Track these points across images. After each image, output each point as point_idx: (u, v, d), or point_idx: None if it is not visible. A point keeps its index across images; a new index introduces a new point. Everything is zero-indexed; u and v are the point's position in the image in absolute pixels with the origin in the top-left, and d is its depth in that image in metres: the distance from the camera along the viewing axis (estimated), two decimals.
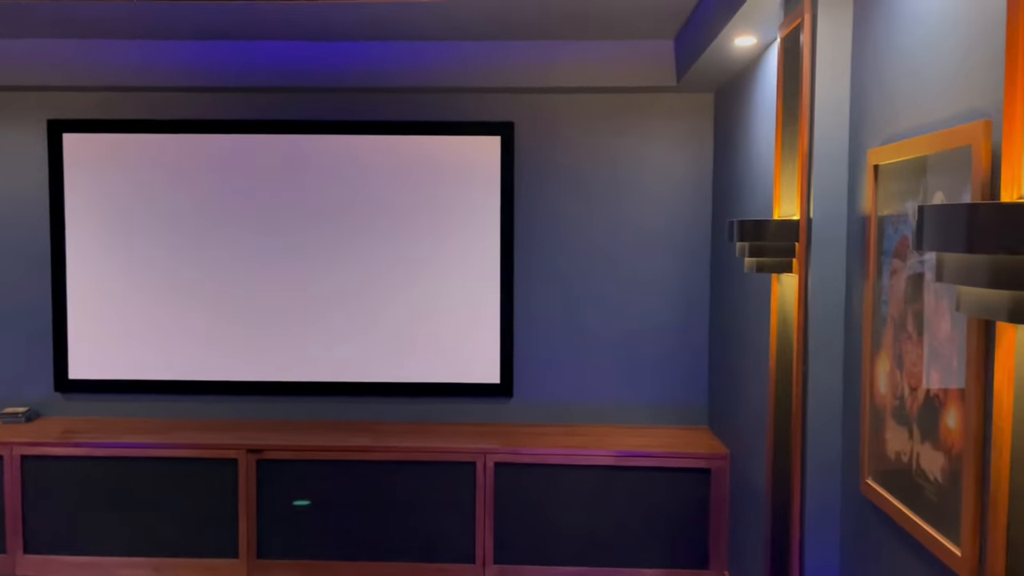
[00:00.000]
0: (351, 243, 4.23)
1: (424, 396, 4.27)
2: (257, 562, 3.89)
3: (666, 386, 4.24)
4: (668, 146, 4.20)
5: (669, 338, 4.23)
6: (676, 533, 3.84)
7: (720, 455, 3.80)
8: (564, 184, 4.23)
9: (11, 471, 3.89)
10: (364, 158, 4.22)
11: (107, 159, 4.25)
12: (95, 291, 4.28)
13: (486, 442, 3.93)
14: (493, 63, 4.01)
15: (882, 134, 2.07)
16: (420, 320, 4.23)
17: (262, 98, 4.22)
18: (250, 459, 3.87)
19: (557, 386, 4.27)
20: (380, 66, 4.02)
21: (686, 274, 4.22)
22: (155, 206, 4.25)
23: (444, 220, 4.21)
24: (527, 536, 3.86)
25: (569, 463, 3.83)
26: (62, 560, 3.91)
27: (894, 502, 1.95)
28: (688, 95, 4.16)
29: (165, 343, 4.27)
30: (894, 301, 1.97)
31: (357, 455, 3.87)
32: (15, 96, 4.25)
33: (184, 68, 4.05)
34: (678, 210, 4.21)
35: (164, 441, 3.93)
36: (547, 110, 4.21)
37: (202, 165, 4.24)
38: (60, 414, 4.34)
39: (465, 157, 4.20)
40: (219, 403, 4.32)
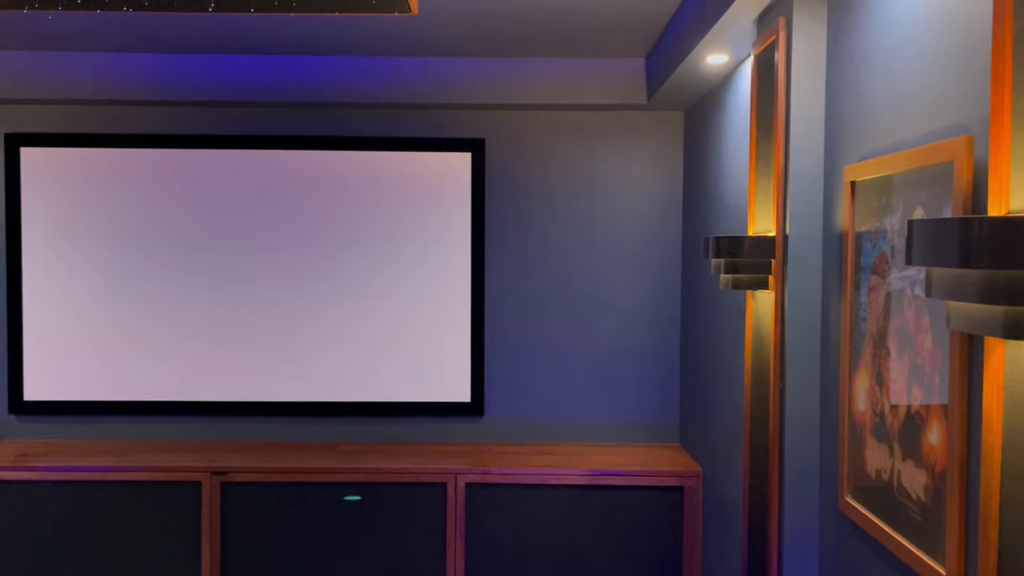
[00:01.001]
0: (319, 260, 4.16)
1: (394, 416, 4.19)
2: None
3: (639, 404, 4.22)
4: (639, 164, 4.21)
5: (642, 355, 4.22)
6: (650, 552, 3.80)
7: (692, 473, 3.78)
8: (535, 201, 4.21)
9: None
10: (332, 174, 4.16)
11: (67, 174, 4.13)
12: (52, 309, 4.14)
13: (457, 462, 3.87)
14: (464, 79, 3.98)
15: (859, 150, 2.08)
16: (389, 338, 4.17)
17: (229, 112, 4.14)
18: (214, 482, 3.76)
19: (529, 404, 4.22)
20: (350, 81, 3.98)
21: (658, 292, 4.21)
22: (115, 223, 4.14)
23: (414, 237, 4.16)
24: (499, 558, 3.79)
25: (541, 483, 3.78)
26: None
27: (875, 520, 1.93)
28: (659, 113, 4.17)
29: (125, 363, 4.15)
30: (872, 317, 1.96)
31: (325, 477, 3.78)
32: None
33: (149, 81, 3.96)
34: (650, 228, 4.21)
35: (124, 464, 3.80)
36: (518, 127, 4.19)
37: (166, 181, 4.14)
38: (14, 437, 4.19)
39: (436, 173, 4.16)
40: (182, 424, 4.20)
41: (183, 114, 4.14)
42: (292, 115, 4.15)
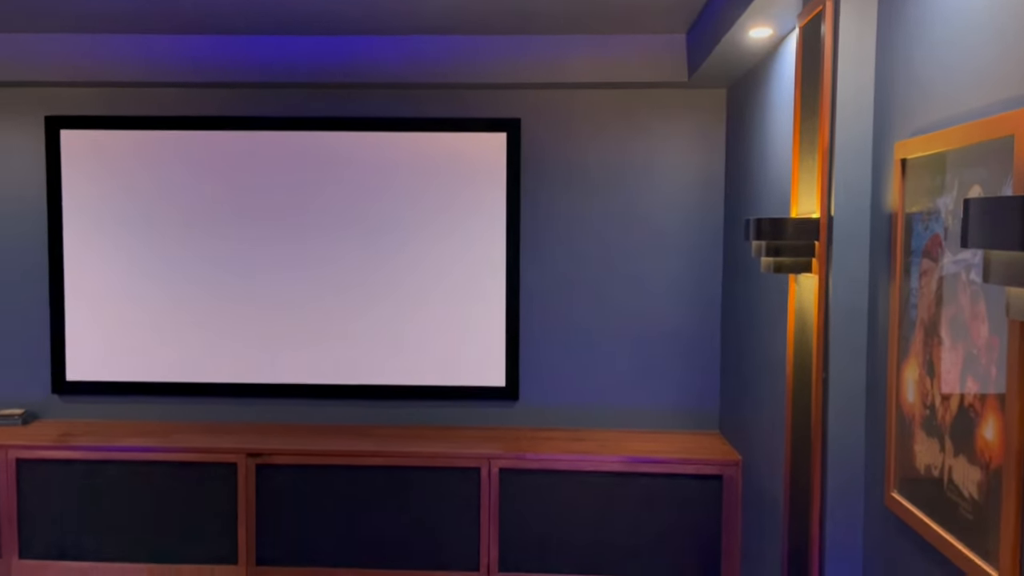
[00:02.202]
0: (355, 243, 4.13)
1: (428, 399, 4.16)
2: (256, 569, 3.79)
3: (677, 390, 4.13)
4: (679, 143, 4.09)
5: (680, 341, 4.12)
6: (687, 542, 3.72)
7: (732, 462, 3.68)
8: (572, 182, 4.12)
9: (6, 474, 3.81)
10: (368, 155, 4.12)
11: (106, 156, 4.16)
12: (93, 291, 4.19)
13: (491, 447, 3.83)
14: (500, 58, 3.90)
15: (910, 126, 1.96)
16: (424, 322, 4.13)
17: (264, 94, 4.12)
18: (250, 463, 3.78)
19: (564, 389, 4.16)
20: (384, 61, 3.92)
21: (698, 275, 4.10)
22: (154, 204, 4.16)
23: (449, 219, 4.11)
24: (533, 544, 3.75)
25: (576, 469, 3.72)
26: (58, 565, 3.82)
27: (923, 518, 1.83)
28: (700, 91, 4.04)
29: (164, 344, 4.18)
30: (924, 304, 1.85)
31: (359, 460, 3.77)
32: (12, 92, 4.17)
33: (185, 64, 3.96)
34: (690, 209, 4.10)
35: (162, 444, 3.84)
36: (555, 106, 4.10)
37: (203, 162, 4.14)
38: (57, 416, 4.26)
39: (471, 154, 4.09)
40: (219, 405, 4.23)
41: (218, 96, 4.13)
42: (327, 96, 4.11)
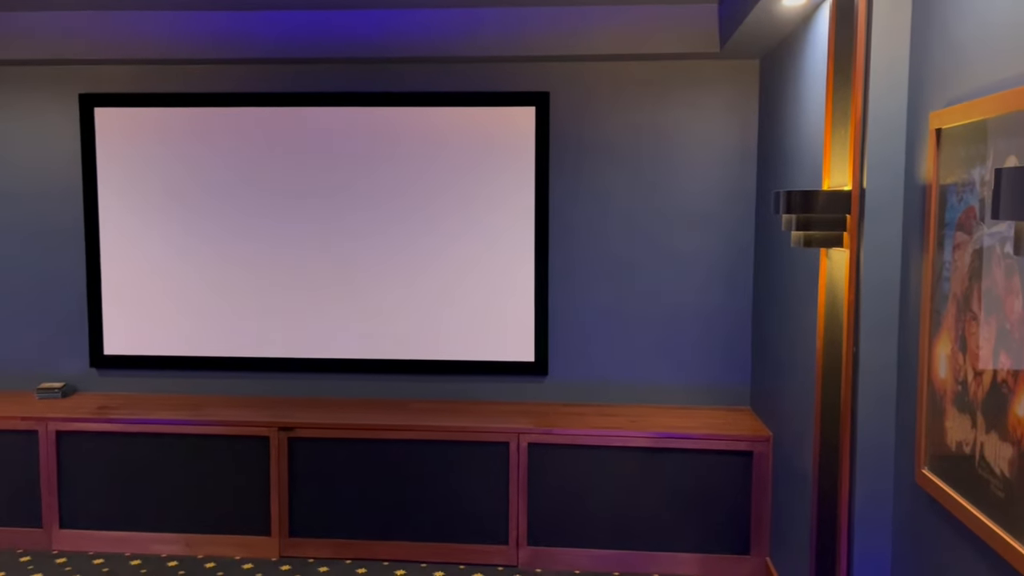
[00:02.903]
0: (383, 217, 4.15)
1: (457, 374, 4.18)
2: (289, 540, 3.86)
3: (707, 365, 4.10)
4: (711, 116, 4.02)
5: (710, 315, 4.08)
6: (716, 517, 3.71)
7: (763, 438, 3.65)
8: (601, 156, 4.08)
9: (47, 446, 3.91)
10: (396, 130, 4.11)
11: (139, 133, 4.21)
12: (128, 266, 4.26)
13: (520, 422, 3.84)
14: (527, 30, 3.86)
15: (946, 95, 1.90)
16: (453, 296, 4.14)
17: (293, 69, 4.13)
18: (282, 437, 3.83)
19: (593, 365, 4.15)
20: (410, 35, 3.90)
21: (729, 249, 4.05)
22: (186, 181, 4.21)
23: (477, 194, 4.10)
24: (561, 518, 3.77)
25: (605, 444, 3.72)
26: (97, 535, 3.92)
27: (953, 495, 1.80)
28: (732, 62, 3.97)
29: (198, 319, 4.25)
30: (957, 278, 1.81)
31: (389, 434, 3.81)
32: (47, 70, 4.23)
33: (215, 40, 3.97)
34: (721, 183, 4.04)
35: (197, 418, 3.91)
36: (584, 79, 4.06)
37: (234, 138, 4.18)
38: (95, 389, 4.35)
39: (499, 128, 4.07)
40: (251, 380, 4.29)
41: (248, 72, 4.15)
42: (355, 71, 4.11)
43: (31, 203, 4.29)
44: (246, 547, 3.87)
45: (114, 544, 3.92)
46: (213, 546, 3.89)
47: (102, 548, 3.92)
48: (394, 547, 3.83)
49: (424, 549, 3.82)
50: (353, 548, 3.84)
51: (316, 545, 3.86)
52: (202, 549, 3.89)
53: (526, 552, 3.78)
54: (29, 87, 4.25)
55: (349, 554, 3.85)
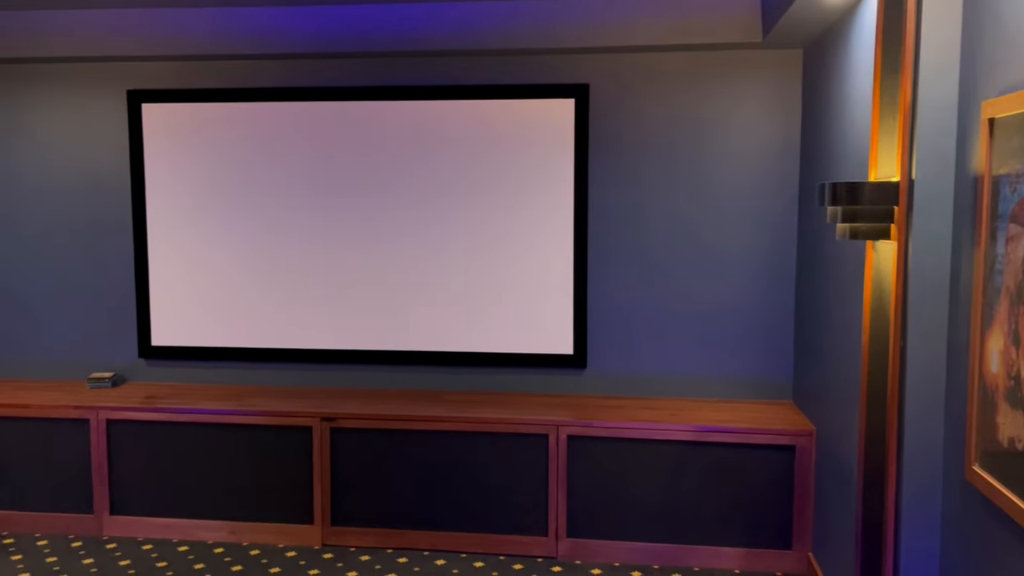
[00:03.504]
0: (423, 210, 4.17)
1: (496, 367, 4.20)
2: (332, 528, 3.92)
3: (749, 359, 4.06)
4: (753, 107, 3.97)
5: (753, 308, 4.04)
6: (757, 512, 3.68)
7: (806, 432, 3.61)
8: (641, 148, 4.05)
9: (98, 434, 4.01)
10: (434, 123, 4.13)
11: (184, 128, 4.28)
12: (174, 259, 4.35)
13: (559, 414, 3.84)
14: (567, 22, 3.85)
15: (999, 83, 1.85)
16: (492, 289, 4.16)
17: (335, 64, 4.17)
18: (324, 427, 3.89)
19: (633, 358, 4.13)
20: (449, 28, 3.91)
21: (772, 242, 4.01)
22: (232, 175, 4.27)
23: (516, 186, 4.10)
24: (601, 510, 3.77)
25: (645, 437, 3.71)
26: (145, 521, 4.02)
27: (1006, 492, 1.76)
28: (775, 52, 3.91)
29: (242, 311, 4.32)
30: (1010, 270, 1.77)
31: (430, 425, 3.84)
32: (96, 67, 4.32)
33: (259, 35, 4.03)
34: (763, 174, 3.99)
35: (241, 408, 3.98)
36: (624, 71, 4.03)
37: (275, 133, 4.23)
38: (144, 379, 4.46)
39: (538, 121, 4.06)
40: (293, 370, 4.35)
41: (289, 67, 4.20)
42: (395, 65, 4.13)
43: (83, 198, 4.40)
44: (289, 535, 3.94)
45: (162, 530, 4.01)
46: (257, 533, 3.96)
47: (150, 534, 4.02)
48: (434, 537, 3.87)
49: (464, 539, 3.85)
50: (394, 537, 3.89)
51: (358, 534, 3.91)
52: (246, 536, 3.96)
53: (565, 544, 3.79)
54: (80, 84, 4.35)
55: (390, 543, 3.89)
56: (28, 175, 4.43)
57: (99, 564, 3.74)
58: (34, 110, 4.39)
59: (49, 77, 4.36)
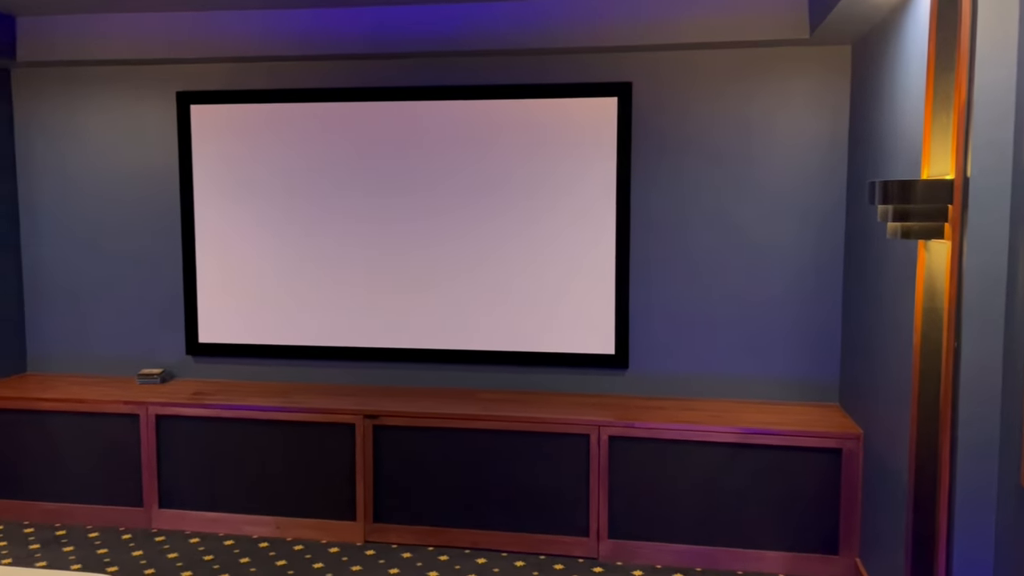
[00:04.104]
0: (466, 210, 4.19)
1: (537, 366, 4.20)
2: (374, 525, 3.95)
3: (794, 360, 4.00)
4: (800, 104, 3.91)
5: (799, 309, 3.98)
6: (803, 516, 3.63)
7: (853, 435, 3.54)
8: (684, 146, 4.02)
9: (147, 429, 4.10)
10: (476, 123, 4.14)
11: (232, 129, 4.36)
12: (222, 258, 4.42)
13: (600, 414, 3.83)
14: (609, 20, 3.83)
15: None
16: (534, 288, 4.15)
17: (379, 65, 4.21)
18: (367, 424, 3.92)
19: (675, 358, 4.10)
20: (491, 28, 3.92)
21: (819, 241, 3.94)
22: (278, 175, 4.33)
23: (558, 185, 4.10)
24: (643, 511, 3.74)
25: (687, 439, 3.67)
26: (193, 515, 4.10)
27: None
28: (823, 48, 3.85)
29: (286, 309, 4.38)
30: None
31: (471, 423, 3.85)
32: (146, 69, 4.42)
33: (304, 37, 4.08)
34: (810, 172, 3.93)
35: (286, 404, 4.03)
36: (667, 69, 4.00)
37: (324, 133, 4.28)
38: (191, 376, 4.54)
39: (581, 120, 4.05)
40: (337, 368, 4.40)
41: (337, 68, 4.24)
42: (436, 65, 4.15)
43: (134, 198, 4.50)
44: (332, 531, 3.98)
45: (208, 524, 4.08)
46: (301, 529, 4.01)
47: (197, 528, 4.09)
48: (475, 535, 3.88)
49: (505, 538, 3.85)
50: (435, 535, 3.91)
51: (399, 531, 3.93)
52: (291, 532, 4.02)
53: (607, 545, 3.77)
54: (131, 86, 4.45)
55: (431, 541, 3.91)
56: (84, 176, 4.55)
57: (148, 556, 3.82)
58: (89, 112, 4.50)
59: (102, 80, 4.47)
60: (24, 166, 4.60)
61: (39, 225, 4.61)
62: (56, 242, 4.60)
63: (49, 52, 4.28)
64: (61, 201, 4.58)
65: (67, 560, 3.77)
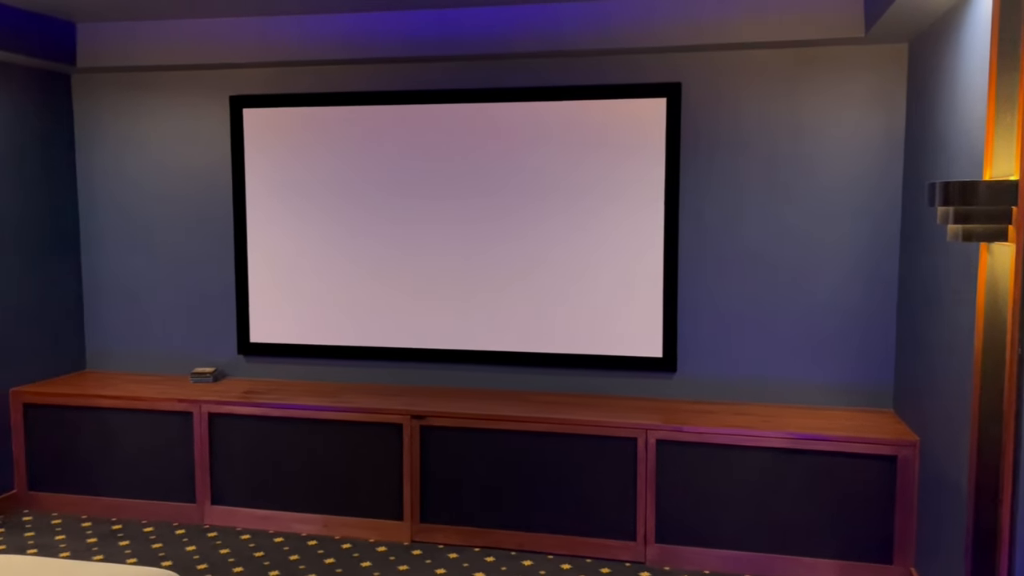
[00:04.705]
0: (513, 212, 4.19)
1: (584, 368, 4.18)
2: (420, 525, 3.97)
3: (846, 365, 3.92)
4: (854, 103, 3.84)
5: (852, 313, 3.90)
6: (856, 524, 3.55)
7: (908, 442, 3.46)
8: (734, 147, 3.97)
9: (200, 427, 4.18)
10: (525, 125, 4.14)
11: (283, 132, 4.42)
12: (272, 259, 4.49)
13: (648, 418, 3.80)
14: (659, 20, 3.80)
15: None
16: (581, 291, 4.14)
17: (427, 67, 4.23)
18: (414, 425, 3.95)
19: (724, 362, 4.05)
20: (539, 29, 3.92)
21: (873, 243, 3.86)
22: (327, 177, 4.39)
23: (606, 187, 4.08)
24: (691, 516, 3.70)
25: (736, 443, 3.63)
26: (244, 512, 4.17)
27: None
28: (878, 46, 3.77)
29: (335, 310, 4.43)
30: None
31: (517, 425, 3.85)
32: (200, 74, 4.51)
33: (353, 40, 4.12)
34: (864, 174, 3.85)
35: (334, 404, 4.08)
36: (717, 68, 3.96)
37: (373, 136, 4.32)
38: (242, 375, 4.62)
39: (629, 121, 4.03)
40: (385, 368, 4.44)
41: (386, 71, 4.28)
42: (483, 68, 4.17)
43: (189, 200, 4.60)
44: (379, 530, 4.02)
45: (259, 521, 4.15)
46: (349, 528, 4.05)
47: (248, 524, 4.16)
48: (521, 537, 3.88)
49: (551, 541, 3.84)
50: (481, 536, 3.92)
51: (445, 531, 3.95)
52: (339, 530, 4.06)
53: (654, 549, 3.74)
54: (186, 89, 4.55)
55: (477, 542, 3.92)
56: (140, 178, 4.66)
57: (201, 551, 3.89)
58: (149, 117, 4.61)
59: (158, 84, 4.57)
60: (83, 169, 4.73)
61: (98, 226, 4.74)
62: (114, 243, 4.72)
63: (107, 58, 4.40)
64: (119, 203, 4.70)
65: (123, 554, 3.87)
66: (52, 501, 4.37)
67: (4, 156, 4.29)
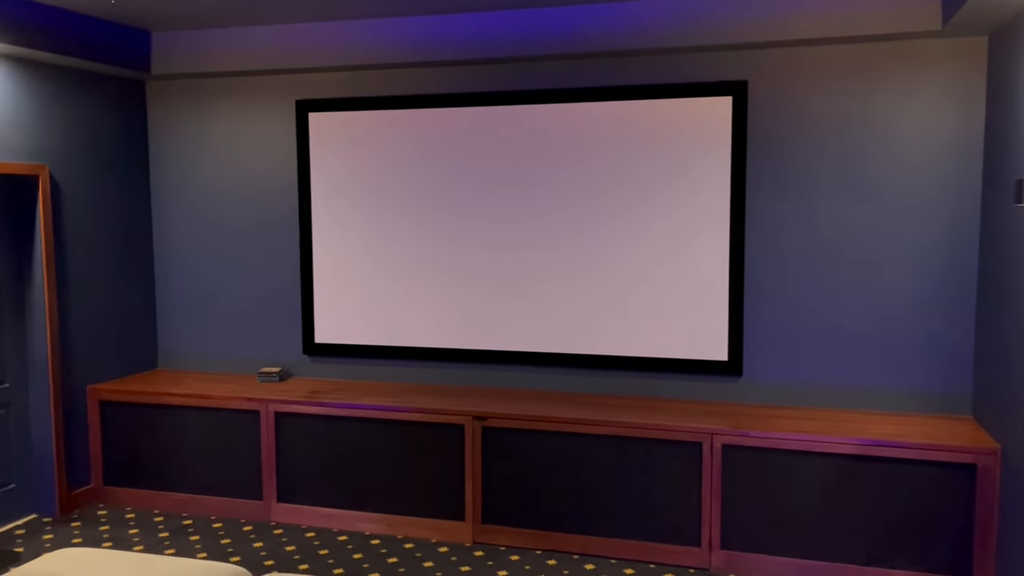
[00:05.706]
0: (577, 214, 4.17)
1: (648, 371, 4.13)
2: (482, 526, 3.97)
3: (922, 370, 3.79)
4: (929, 100, 3.71)
5: (927, 317, 3.77)
6: (932, 534, 3.43)
7: (989, 450, 3.32)
8: (803, 145, 3.87)
9: (267, 425, 4.26)
10: (589, 125, 4.12)
11: (348, 136, 4.48)
12: (337, 261, 4.55)
13: (713, 422, 3.73)
14: (723, 16, 3.74)
15: None
16: (646, 293, 4.09)
17: (491, 69, 4.24)
18: (476, 426, 3.95)
19: (791, 366, 3.95)
20: (606, 29, 3.89)
21: (950, 245, 3.72)
22: (391, 180, 4.43)
23: (671, 188, 4.02)
24: (757, 523, 3.62)
25: (805, 449, 3.53)
26: (309, 510, 4.22)
27: None
28: (956, 40, 3.64)
29: (398, 311, 4.47)
30: None
31: (580, 427, 3.82)
32: (267, 80, 4.60)
33: (417, 44, 4.16)
34: (941, 173, 3.72)
35: (397, 404, 4.11)
36: (785, 66, 3.87)
37: (437, 138, 4.35)
38: (307, 375, 4.69)
39: (694, 121, 3.97)
40: (448, 369, 4.45)
41: (449, 74, 4.30)
42: (547, 69, 4.15)
43: (256, 203, 4.69)
44: (441, 531, 4.03)
45: (323, 519, 4.20)
46: (411, 528, 4.07)
47: (313, 522, 4.22)
48: (584, 540, 3.84)
49: (614, 545, 3.80)
50: (543, 539, 3.90)
51: (508, 533, 3.94)
52: (401, 530, 4.09)
53: (719, 556, 3.67)
54: (254, 95, 4.64)
55: (539, 544, 3.90)
56: (210, 183, 4.78)
57: (267, 548, 3.96)
58: (218, 122, 4.73)
59: (228, 90, 4.68)
60: (156, 173, 4.87)
61: (170, 229, 4.87)
62: (185, 246, 4.85)
63: (180, 65, 4.52)
64: (189, 206, 4.82)
65: (194, 549, 3.96)
66: (126, 496, 4.50)
67: (86, 162, 4.45)
